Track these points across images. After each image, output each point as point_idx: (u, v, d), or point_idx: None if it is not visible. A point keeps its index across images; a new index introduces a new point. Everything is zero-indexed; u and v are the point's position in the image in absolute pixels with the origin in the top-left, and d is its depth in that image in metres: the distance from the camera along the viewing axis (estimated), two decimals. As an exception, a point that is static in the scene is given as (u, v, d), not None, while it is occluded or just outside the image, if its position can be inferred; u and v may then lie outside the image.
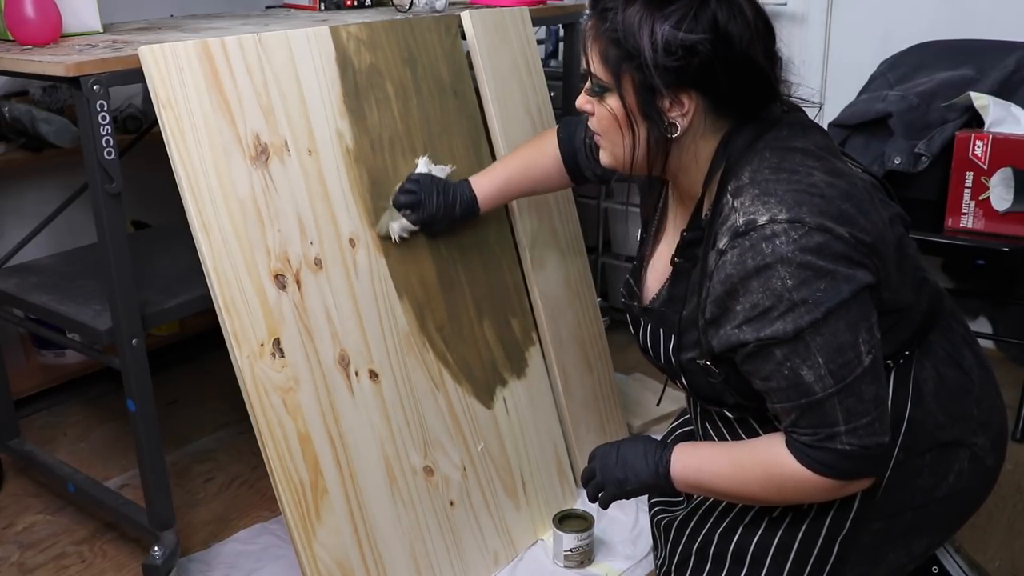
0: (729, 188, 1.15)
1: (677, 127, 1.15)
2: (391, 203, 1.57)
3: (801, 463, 1.15)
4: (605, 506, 1.38)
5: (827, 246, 1.07)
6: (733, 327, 1.12)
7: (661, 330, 1.30)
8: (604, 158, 1.26)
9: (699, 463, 1.27)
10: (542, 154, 1.63)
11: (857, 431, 1.12)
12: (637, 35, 1.11)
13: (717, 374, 1.21)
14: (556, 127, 1.64)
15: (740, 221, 1.10)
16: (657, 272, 1.35)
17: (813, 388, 1.10)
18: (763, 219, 1.08)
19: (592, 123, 1.24)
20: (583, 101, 1.24)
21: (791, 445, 1.16)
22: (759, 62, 1.13)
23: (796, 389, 1.11)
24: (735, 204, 1.12)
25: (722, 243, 1.12)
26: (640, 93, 1.14)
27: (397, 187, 1.58)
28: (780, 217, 1.08)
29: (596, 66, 1.17)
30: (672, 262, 1.29)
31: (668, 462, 1.28)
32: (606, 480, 1.35)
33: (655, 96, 1.13)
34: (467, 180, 1.63)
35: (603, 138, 1.23)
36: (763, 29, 1.14)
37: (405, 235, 1.57)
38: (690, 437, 1.56)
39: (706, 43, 1.08)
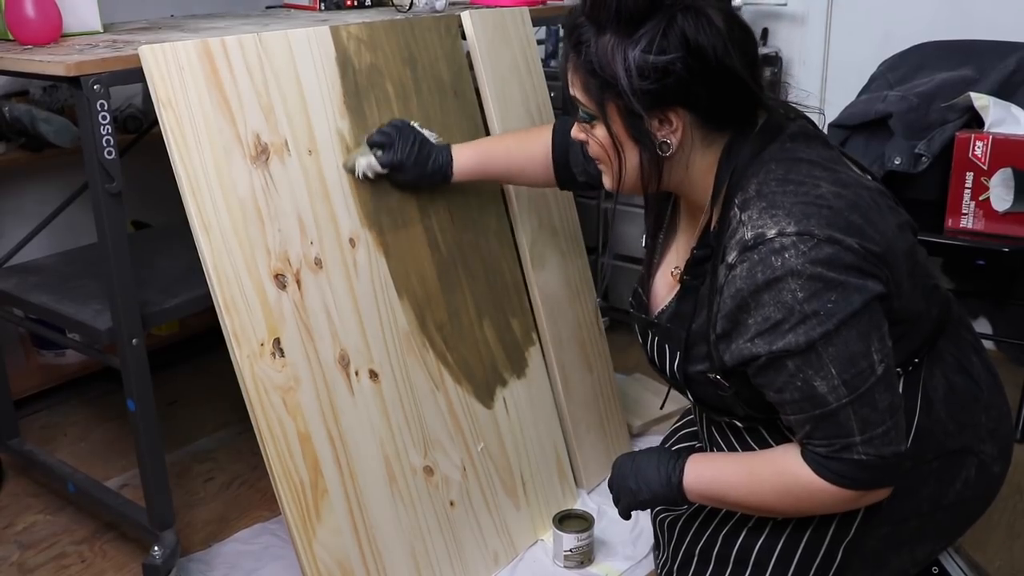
0: (736, 201, 1.14)
1: (669, 145, 1.15)
2: (364, 140, 1.55)
3: (818, 474, 1.14)
4: (624, 516, 1.39)
5: (837, 257, 1.07)
6: (745, 341, 1.12)
7: (667, 346, 1.30)
8: (606, 182, 1.26)
9: (713, 475, 1.27)
10: (532, 142, 1.61)
11: (873, 441, 1.11)
12: (611, 64, 1.11)
13: (728, 387, 1.21)
14: (555, 122, 1.64)
15: (748, 235, 1.09)
16: (666, 282, 1.35)
17: (827, 399, 1.10)
18: (772, 232, 1.08)
19: (589, 149, 1.25)
20: (577, 131, 1.25)
21: (807, 456, 1.16)
22: (736, 70, 1.11)
23: (810, 401, 1.11)
24: (743, 217, 1.12)
25: (731, 257, 1.11)
26: (626, 118, 1.15)
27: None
28: (789, 230, 1.07)
29: (580, 97, 1.18)
30: (680, 280, 1.29)
31: (681, 473, 1.28)
32: (620, 491, 1.35)
33: (641, 119, 1.13)
34: (448, 144, 1.61)
35: (600, 163, 1.24)
36: (739, 35, 1.12)
37: (370, 174, 1.53)
38: (693, 438, 1.56)
39: (677, 62, 1.08)
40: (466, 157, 1.61)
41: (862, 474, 1.13)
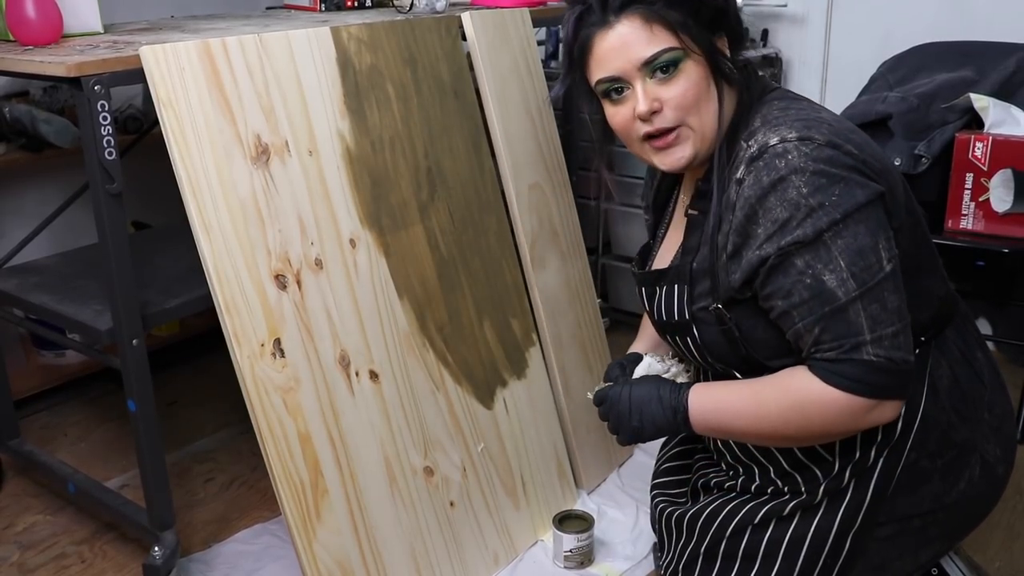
0: (742, 136, 1.21)
1: (735, 72, 1.24)
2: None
3: (826, 382, 1.13)
4: (623, 444, 1.37)
5: (837, 158, 1.12)
6: (755, 249, 1.15)
7: (675, 285, 1.31)
8: (687, 150, 1.24)
9: (717, 402, 1.26)
10: None
11: (883, 341, 1.12)
12: None
13: (729, 319, 1.22)
14: None
15: (754, 149, 1.16)
16: (672, 244, 1.37)
17: (836, 293, 1.11)
18: (774, 140, 1.14)
19: (665, 118, 1.22)
20: (648, 101, 1.21)
21: (814, 367, 1.15)
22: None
23: (819, 298, 1.12)
24: (749, 144, 1.18)
25: (739, 173, 1.17)
26: (706, 45, 1.21)
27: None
28: (790, 136, 1.14)
29: (666, 41, 1.19)
30: (686, 213, 1.32)
31: (686, 406, 1.27)
32: (620, 427, 1.33)
33: (715, 42, 1.22)
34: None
35: (691, 117, 1.22)
36: None
37: None
38: (694, 439, 1.57)
39: None
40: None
41: (871, 376, 1.12)
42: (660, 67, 1.19)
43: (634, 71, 1.20)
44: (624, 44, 1.20)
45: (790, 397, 1.18)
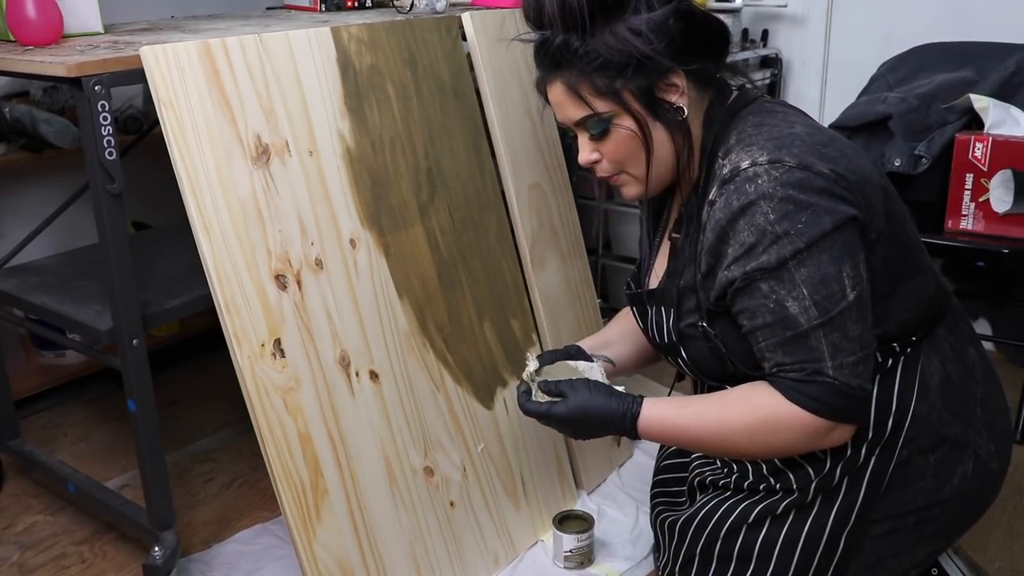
0: (719, 153, 1.21)
1: (683, 110, 1.22)
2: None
3: (790, 399, 1.16)
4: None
5: (807, 181, 1.12)
6: (724, 269, 1.17)
7: (662, 308, 1.33)
8: (633, 190, 1.29)
9: (675, 431, 1.28)
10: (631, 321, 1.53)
11: (843, 368, 1.14)
12: (621, 43, 1.17)
13: (715, 336, 1.24)
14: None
15: (726, 171, 1.17)
16: (661, 266, 1.39)
17: (798, 320, 1.13)
18: (745, 163, 1.15)
19: (604, 168, 1.28)
20: (588, 153, 1.27)
21: (778, 384, 1.18)
22: (712, 16, 1.25)
23: (782, 323, 1.14)
24: (724, 162, 1.19)
25: (712, 195, 1.18)
26: (642, 97, 1.20)
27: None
28: (761, 160, 1.14)
29: (593, 104, 1.22)
30: (670, 237, 1.34)
31: (636, 431, 1.29)
32: (578, 435, 1.37)
33: (654, 91, 1.20)
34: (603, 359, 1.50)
35: (628, 167, 1.27)
36: None
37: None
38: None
39: (671, 13, 1.18)
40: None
41: (832, 398, 1.15)
42: (589, 128, 1.25)
43: (573, 126, 1.27)
44: (558, 104, 1.26)
45: (758, 415, 1.20)
